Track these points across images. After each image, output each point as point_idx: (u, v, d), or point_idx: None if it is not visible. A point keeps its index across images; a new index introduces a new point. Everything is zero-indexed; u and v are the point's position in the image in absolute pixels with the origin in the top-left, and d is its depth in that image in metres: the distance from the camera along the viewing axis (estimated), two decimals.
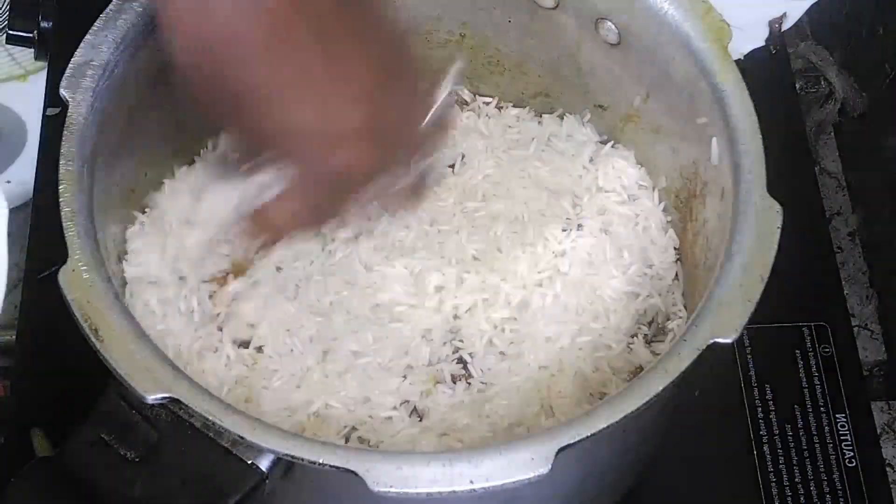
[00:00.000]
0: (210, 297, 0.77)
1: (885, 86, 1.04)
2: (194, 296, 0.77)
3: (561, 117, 0.86)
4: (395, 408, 0.73)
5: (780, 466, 0.85)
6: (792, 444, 0.86)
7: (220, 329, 0.76)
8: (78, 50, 0.72)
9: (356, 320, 0.76)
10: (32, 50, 1.02)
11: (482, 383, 0.75)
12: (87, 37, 0.73)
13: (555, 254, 0.79)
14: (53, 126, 0.89)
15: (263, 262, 0.78)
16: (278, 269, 0.78)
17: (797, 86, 1.06)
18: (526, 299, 0.77)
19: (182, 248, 0.77)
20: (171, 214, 0.78)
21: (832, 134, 1.10)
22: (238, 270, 0.78)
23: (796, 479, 0.85)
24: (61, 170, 0.68)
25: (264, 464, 0.62)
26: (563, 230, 0.79)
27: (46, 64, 1.02)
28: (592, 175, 0.83)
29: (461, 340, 0.76)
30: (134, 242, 0.78)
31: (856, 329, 0.97)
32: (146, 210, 0.80)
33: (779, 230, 0.67)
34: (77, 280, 0.65)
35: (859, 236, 1.04)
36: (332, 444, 0.62)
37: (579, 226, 0.80)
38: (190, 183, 0.81)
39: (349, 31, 0.62)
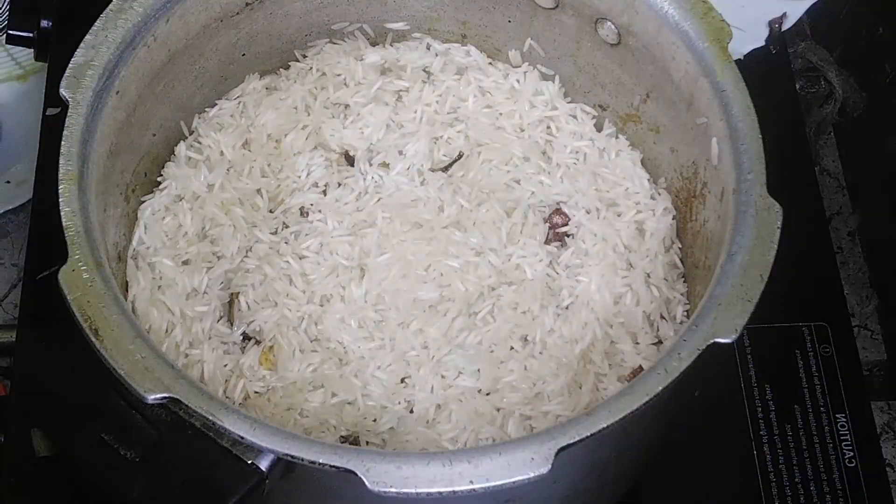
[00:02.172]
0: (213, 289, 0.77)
1: (885, 86, 1.04)
2: (199, 296, 0.77)
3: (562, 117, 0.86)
4: (395, 407, 0.73)
5: (780, 466, 0.85)
6: (792, 444, 0.86)
7: (224, 328, 0.76)
8: (78, 50, 0.72)
9: (362, 322, 0.76)
10: (32, 50, 1.02)
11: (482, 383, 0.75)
12: (87, 37, 0.73)
13: (554, 255, 0.79)
14: (53, 126, 0.89)
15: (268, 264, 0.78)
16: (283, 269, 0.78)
17: (797, 86, 1.06)
18: (526, 299, 0.77)
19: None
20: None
21: (832, 134, 1.10)
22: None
23: (796, 479, 0.85)
24: (61, 170, 0.68)
25: (264, 464, 0.62)
26: (563, 231, 0.80)
27: (46, 64, 1.02)
28: (592, 174, 0.83)
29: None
30: (146, 242, 0.78)
31: (856, 329, 0.97)
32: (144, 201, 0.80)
33: (779, 230, 0.67)
34: (77, 280, 0.65)
35: (859, 236, 1.04)
36: (332, 444, 0.62)
37: (579, 226, 0.80)
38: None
39: None
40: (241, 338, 0.76)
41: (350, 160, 0.82)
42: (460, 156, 0.83)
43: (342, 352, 0.75)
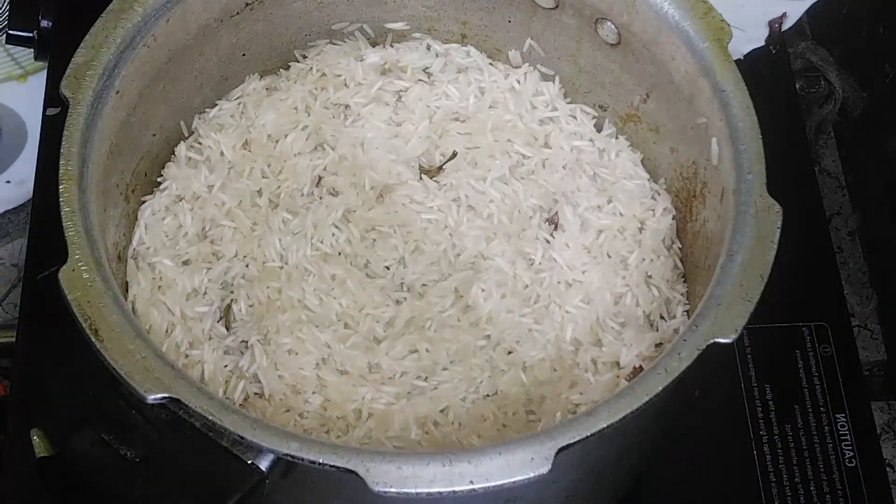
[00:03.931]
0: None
1: (885, 86, 1.04)
2: (199, 296, 0.77)
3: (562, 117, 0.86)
4: (395, 408, 0.73)
5: (780, 466, 0.86)
6: (792, 444, 0.86)
7: (224, 329, 0.76)
8: (78, 50, 0.72)
9: (362, 326, 0.76)
10: (32, 50, 1.02)
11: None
12: (87, 37, 0.73)
13: (554, 256, 0.79)
14: (53, 126, 0.89)
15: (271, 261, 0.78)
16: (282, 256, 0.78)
17: (797, 86, 1.06)
18: (526, 299, 0.77)
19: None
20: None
21: (832, 134, 1.10)
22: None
23: (796, 479, 0.85)
24: (61, 170, 0.68)
25: (264, 464, 0.62)
26: (563, 231, 0.80)
27: (46, 64, 1.02)
28: (592, 174, 0.83)
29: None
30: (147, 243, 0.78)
31: (856, 329, 0.97)
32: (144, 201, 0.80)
33: (779, 230, 0.67)
34: (77, 280, 0.65)
35: (859, 236, 1.04)
36: (332, 444, 0.62)
37: (580, 226, 0.80)
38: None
39: None
40: (240, 341, 0.76)
41: (351, 160, 0.82)
42: (454, 155, 0.83)
43: (341, 354, 0.75)
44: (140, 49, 0.74)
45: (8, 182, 1.04)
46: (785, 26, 0.98)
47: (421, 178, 0.82)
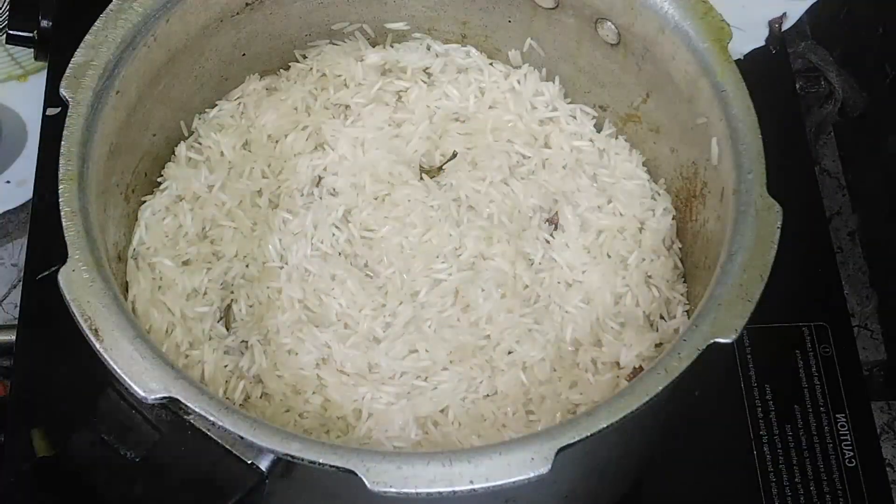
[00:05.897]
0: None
1: (885, 86, 1.04)
2: (199, 296, 0.77)
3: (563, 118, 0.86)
4: (395, 408, 0.73)
5: (780, 466, 0.86)
6: (792, 444, 0.86)
7: (226, 330, 0.77)
8: (78, 50, 0.72)
9: (361, 328, 0.76)
10: (32, 50, 1.02)
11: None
12: (87, 37, 0.73)
13: (554, 256, 0.79)
14: (53, 126, 0.89)
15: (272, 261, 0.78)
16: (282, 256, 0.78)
17: (797, 86, 1.06)
18: (526, 299, 0.77)
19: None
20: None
21: (832, 134, 1.10)
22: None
23: (796, 479, 0.85)
24: (61, 170, 0.68)
25: (264, 464, 0.62)
26: (563, 232, 0.80)
27: (46, 64, 1.02)
28: (592, 174, 0.83)
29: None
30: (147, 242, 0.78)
31: (856, 329, 0.97)
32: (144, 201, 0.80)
33: (779, 230, 0.67)
34: (77, 280, 0.65)
35: (859, 236, 1.04)
36: (331, 444, 0.62)
37: (580, 226, 0.80)
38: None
39: None
40: (240, 341, 0.76)
41: (351, 160, 0.82)
42: (454, 155, 0.83)
43: (341, 354, 0.75)
44: (140, 49, 0.74)
45: (8, 182, 1.04)
46: (785, 26, 0.98)
47: (421, 179, 0.82)
